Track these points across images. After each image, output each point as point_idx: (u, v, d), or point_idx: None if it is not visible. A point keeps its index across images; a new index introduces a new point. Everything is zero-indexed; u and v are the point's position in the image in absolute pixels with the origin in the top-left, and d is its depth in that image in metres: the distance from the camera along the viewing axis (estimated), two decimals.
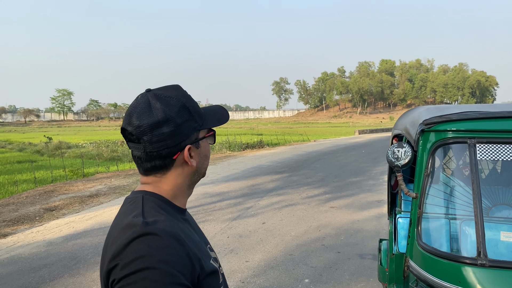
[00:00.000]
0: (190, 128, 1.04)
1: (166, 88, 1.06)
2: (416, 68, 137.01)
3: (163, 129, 0.99)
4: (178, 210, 1.08)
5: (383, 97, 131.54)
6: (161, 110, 1.00)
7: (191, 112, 1.05)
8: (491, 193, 2.32)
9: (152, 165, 1.04)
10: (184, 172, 1.08)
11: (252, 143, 24.82)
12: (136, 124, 0.99)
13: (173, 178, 1.06)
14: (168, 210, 1.03)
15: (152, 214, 0.97)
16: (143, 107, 1.01)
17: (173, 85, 1.09)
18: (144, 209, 0.99)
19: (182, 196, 1.11)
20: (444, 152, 2.34)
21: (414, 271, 2.07)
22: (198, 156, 1.09)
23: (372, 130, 44.39)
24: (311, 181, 11.20)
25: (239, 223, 6.99)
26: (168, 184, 1.06)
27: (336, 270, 4.89)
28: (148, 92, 1.05)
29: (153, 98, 1.02)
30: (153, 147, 1.01)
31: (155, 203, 1.02)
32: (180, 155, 1.04)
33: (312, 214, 7.58)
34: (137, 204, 1.01)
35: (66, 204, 8.97)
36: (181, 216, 1.08)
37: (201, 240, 1.12)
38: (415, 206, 2.14)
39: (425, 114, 2.30)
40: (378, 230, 6.48)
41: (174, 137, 1.01)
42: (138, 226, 0.92)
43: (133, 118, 1.00)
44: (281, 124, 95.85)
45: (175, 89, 1.07)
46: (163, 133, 0.99)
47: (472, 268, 1.81)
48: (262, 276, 4.77)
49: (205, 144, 1.12)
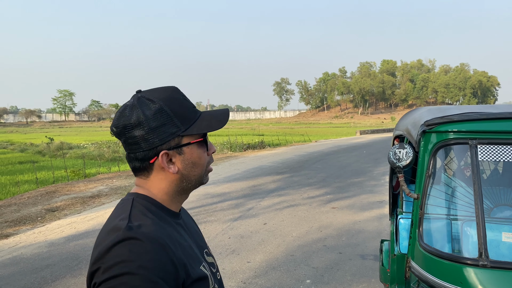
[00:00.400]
0: (168, 133, 1.00)
1: (155, 90, 1.04)
2: (417, 69, 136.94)
3: (134, 132, 0.98)
4: (170, 214, 1.05)
5: (385, 98, 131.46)
6: (135, 112, 0.98)
7: (170, 116, 1.00)
8: (492, 194, 2.32)
9: (133, 167, 1.04)
10: (168, 178, 1.05)
11: (253, 143, 24.83)
12: (114, 124, 1.01)
13: (158, 183, 1.04)
14: (158, 213, 1.01)
15: (138, 217, 0.96)
16: (123, 108, 1.01)
17: (166, 87, 1.06)
18: (132, 212, 0.97)
19: (172, 201, 1.08)
20: (445, 153, 2.35)
21: (416, 272, 2.07)
22: (182, 163, 1.04)
23: (374, 130, 44.35)
24: (312, 182, 11.20)
25: (240, 224, 6.99)
26: (154, 187, 1.05)
27: (337, 271, 4.89)
28: (136, 94, 1.04)
29: (136, 100, 1.01)
30: (130, 149, 1.01)
31: (144, 206, 1.00)
32: (157, 160, 1.01)
33: (313, 214, 7.58)
34: (126, 207, 1.00)
35: (67, 204, 8.98)
36: (173, 219, 1.06)
37: (194, 244, 1.09)
38: (416, 207, 2.14)
39: (426, 115, 2.30)
40: (379, 230, 6.48)
41: (148, 141, 0.99)
42: (121, 230, 0.91)
43: (115, 118, 1.02)
44: (282, 125, 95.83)
45: (164, 91, 1.04)
46: (135, 136, 0.98)
47: (474, 269, 1.81)
48: (264, 276, 4.77)
49: (193, 151, 1.05)
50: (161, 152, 1.00)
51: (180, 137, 1.03)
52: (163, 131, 1.00)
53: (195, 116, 1.06)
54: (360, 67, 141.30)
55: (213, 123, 1.09)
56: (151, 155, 1.00)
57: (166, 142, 1.00)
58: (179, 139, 1.03)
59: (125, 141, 1.01)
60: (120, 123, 0.99)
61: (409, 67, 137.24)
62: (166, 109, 1.00)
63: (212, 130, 1.07)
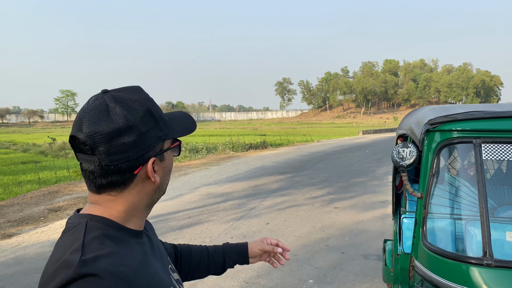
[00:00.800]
0: (155, 137, 0.90)
1: (126, 89, 0.91)
2: (420, 68, 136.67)
3: (124, 139, 0.84)
4: (132, 234, 0.92)
5: (387, 97, 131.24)
6: (122, 115, 0.85)
7: (156, 118, 0.91)
8: (496, 193, 2.31)
9: (108, 182, 0.87)
10: (145, 190, 0.93)
11: (256, 143, 24.82)
12: (91, 132, 0.83)
13: (131, 197, 0.91)
14: (118, 237, 0.87)
15: (94, 247, 0.81)
16: (100, 111, 0.85)
17: (134, 86, 0.94)
18: (85, 241, 0.82)
19: (138, 218, 0.95)
20: (449, 152, 2.34)
21: (420, 271, 2.07)
22: (162, 171, 0.95)
23: (376, 130, 44.28)
24: (314, 182, 11.19)
25: (242, 224, 6.99)
26: (123, 204, 0.90)
27: (340, 271, 4.88)
28: (105, 94, 0.89)
29: (112, 101, 0.86)
30: (111, 160, 0.84)
31: (101, 231, 0.85)
32: (142, 169, 0.89)
33: (316, 214, 7.57)
34: (78, 234, 0.84)
35: (70, 204, 9.00)
36: (136, 240, 0.92)
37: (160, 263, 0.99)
38: (420, 206, 2.13)
39: (430, 114, 2.29)
40: (382, 230, 6.47)
41: (137, 148, 0.86)
42: (73, 266, 0.76)
43: (87, 124, 0.84)
44: (284, 125, 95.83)
45: (137, 91, 0.92)
46: (124, 143, 0.84)
47: (478, 268, 1.80)
48: (266, 276, 4.76)
49: (170, 157, 0.98)
50: (150, 159, 0.89)
51: (163, 141, 0.93)
52: (151, 136, 0.89)
53: (167, 118, 0.97)
54: (362, 66, 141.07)
55: (187, 126, 1.02)
56: (137, 164, 0.88)
57: (153, 148, 0.90)
58: (162, 144, 0.94)
59: (106, 151, 0.84)
60: (100, 130, 0.83)
61: (412, 66, 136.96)
62: (153, 110, 0.90)
63: (188, 133, 1.00)
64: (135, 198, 0.91)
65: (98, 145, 0.83)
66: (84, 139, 0.84)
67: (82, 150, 0.85)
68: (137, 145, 0.86)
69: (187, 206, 8.43)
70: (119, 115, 0.84)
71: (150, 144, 0.89)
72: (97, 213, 0.89)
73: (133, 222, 0.93)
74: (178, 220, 7.33)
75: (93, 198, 0.91)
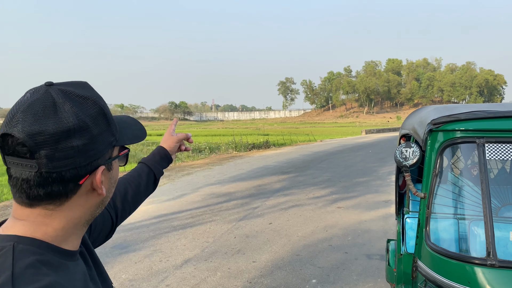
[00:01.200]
0: (106, 142, 0.77)
1: (74, 84, 0.77)
2: (423, 67, 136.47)
3: (73, 141, 0.70)
4: (67, 256, 0.76)
5: (390, 97, 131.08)
6: (73, 114, 0.70)
7: (109, 121, 0.78)
8: (500, 193, 2.31)
9: (47, 192, 0.71)
10: (88, 203, 0.78)
11: (258, 143, 24.83)
12: (32, 131, 0.68)
13: (71, 212, 0.75)
14: (55, 263, 0.72)
15: (28, 279, 0.65)
16: (45, 107, 0.70)
17: (81, 81, 0.79)
18: (16, 271, 0.65)
19: (76, 236, 0.80)
20: (452, 152, 2.33)
21: (423, 271, 2.06)
22: (108, 182, 0.82)
23: (379, 129, 44.24)
24: (317, 181, 11.18)
25: (246, 224, 6.99)
26: (61, 220, 0.75)
27: (343, 271, 4.87)
28: (50, 87, 0.73)
29: (61, 95, 0.71)
30: (54, 166, 0.69)
31: (34, 257, 0.69)
32: (89, 178, 0.75)
33: (319, 214, 7.57)
34: (4, 263, 0.67)
35: None
36: (72, 262, 0.77)
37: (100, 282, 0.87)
38: (423, 206, 2.13)
39: (433, 114, 2.29)
40: (385, 230, 6.46)
41: (86, 153, 0.73)
42: None
43: (27, 121, 0.68)
44: (287, 124, 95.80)
45: (87, 87, 0.78)
46: (72, 147, 0.70)
47: (482, 269, 1.80)
48: (269, 276, 4.77)
49: (116, 166, 0.85)
50: (99, 167, 0.76)
51: (113, 148, 0.81)
52: (103, 140, 0.76)
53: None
54: (365, 66, 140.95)
55: (137, 133, 0.91)
56: (84, 173, 0.74)
57: (102, 155, 0.77)
58: (112, 150, 0.80)
59: (50, 155, 0.69)
60: (46, 129, 0.68)
61: (415, 66, 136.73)
62: (105, 111, 0.77)
63: (139, 141, 0.89)
64: (75, 213, 0.76)
65: (40, 147, 0.68)
66: (22, 139, 0.67)
67: (16, 152, 0.69)
68: (86, 150, 0.72)
69: (190, 206, 8.44)
70: (69, 113, 0.70)
71: (100, 150, 0.76)
72: (26, 233, 0.72)
73: (71, 242, 0.78)
74: (181, 220, 7.34)
75: (21, 212, 0.73)
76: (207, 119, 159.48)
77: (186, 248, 5.78)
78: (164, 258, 5.43)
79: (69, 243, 0.77)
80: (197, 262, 5.24)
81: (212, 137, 35.46)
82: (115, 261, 5.33)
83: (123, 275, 4.87)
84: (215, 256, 5.44)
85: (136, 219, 7.37)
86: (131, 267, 5.11)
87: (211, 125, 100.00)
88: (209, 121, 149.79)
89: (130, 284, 4.60)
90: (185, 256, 5.48)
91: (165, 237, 6.30)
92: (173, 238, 6.28)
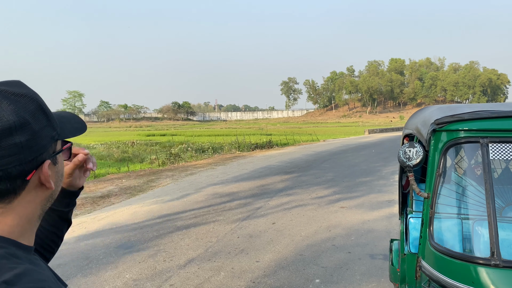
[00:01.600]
0: (49, 137, 0.78)
1: (8, 83, 0.77)
2: (426, 67, 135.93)
3: (15, 138, 0.71)
4: (27, 251, 0.78)
5: (393, 96, 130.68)
6: (11, 111, 0.72)
7: (48, 116, 0.79)
8: (504, 192, 2.30)
9: None
10: (38, 198, 0.80)
11: (261, 143, 24.84)
12: None
13: (23, 208, 0.77)
14: (20, 255, 0.74)
15: (5, 268, 0.68)
16: None
17: (15, 80, 0.80)
18: None
19: (31, 231, 0.81)
20: (456, 151, 2.33)
21: (427, 271, 2.06)
22: (55, 175, 0.83)
23: (382, 129, 44.14)
24: (320, 181, 11.18)
25: (249, 223, 7.00)
26: (14, 217, 0.76)
27: (346, 270, 4.87)
28: None
29: None
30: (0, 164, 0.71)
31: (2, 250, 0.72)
32: (36, 174, 0.76)
33: (322, 214, 7.57)
34: None
35: (78, 204, 9.06)
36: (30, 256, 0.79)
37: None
38: (427, 206, 2.13)
39: (436, 114, 2.29)
40: (389, 230, 6.45)
41: (30, 149, 0.74)
42: None
43: None
44: (290, 124, 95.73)
45: (21, 85, 0.79)
46: (16, 144, 0.71)
47: (486, 269, 1.80)
48: (273, 276, 4.77)
49: (61, 160, 0.87)
50: (44, 162, 0.77)
51: (56, 142, 0.82)
52: (45, 135, 0.77)
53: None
54: (368, 66, 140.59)
55: (77, 126, 0.92)
56: (29, 169, 0.75)
57: (46, 150, 0.78)
58: (55, 145, 0.82)
59: None
60: None
61: (418, 65, 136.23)
62: (44, 107, 0.79)
63: (80, 133, 0.91)
64: (27, 209, 0.78)
65: None
66: None
67: None
68: (30, 146, 0.74)
69: (193, 206, 8.46)
70: (7, 111, 0.71)
71: (44, 145, 0.77)
72: None
73: (27, 237, 0.79)
74: (184, 220, 7.36)
75: None
76: (210, 119, 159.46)
77: (190, 248, 5.80)
78: (168, 258, 5.44)
79: (25, 238, 0.79)
80: (200, 262, 5.25)
81: (215, 137, 35.50)
82: (119, 261, 5.35)
83: (127, 274, 4.88)
84: (219, 256, 5.46)
85: (140, 219, 7.40)
86: (135, 267, 5.13)
87: (214, 125, 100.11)
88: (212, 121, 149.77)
89: (134, 284, 4.62)
90: (188, 256, 5.50)
91: (169, 237, 6.32)
92: (177, 238, 6.30)
